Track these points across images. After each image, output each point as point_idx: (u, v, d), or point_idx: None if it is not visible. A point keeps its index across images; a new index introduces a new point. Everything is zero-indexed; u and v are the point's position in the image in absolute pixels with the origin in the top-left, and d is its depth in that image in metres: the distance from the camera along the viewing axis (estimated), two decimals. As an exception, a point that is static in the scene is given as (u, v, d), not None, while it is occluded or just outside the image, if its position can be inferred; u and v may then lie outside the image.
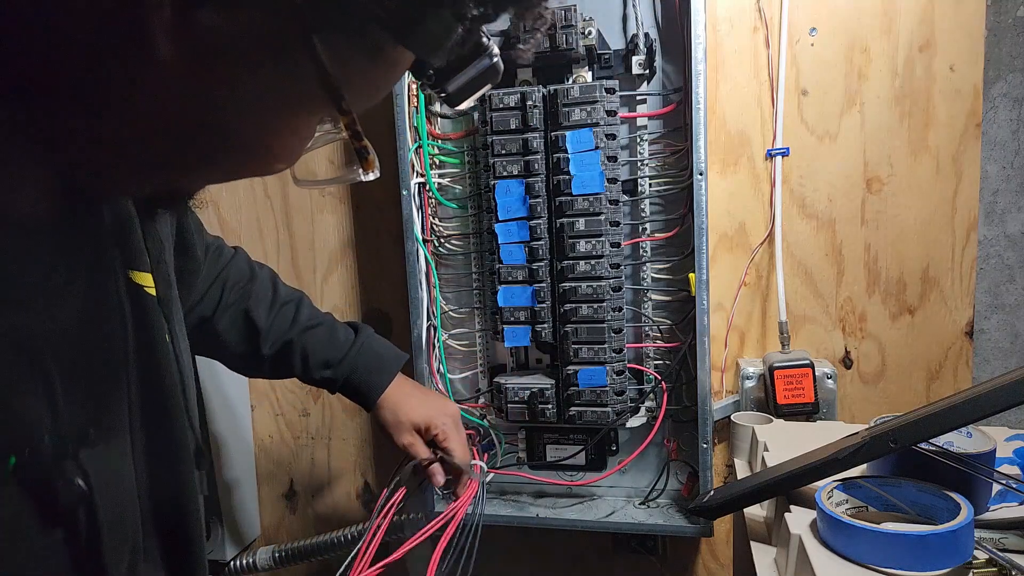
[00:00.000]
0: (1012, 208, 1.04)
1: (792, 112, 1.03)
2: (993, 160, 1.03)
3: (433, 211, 1.11)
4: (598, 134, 0.97)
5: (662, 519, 1.04)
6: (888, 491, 0.66)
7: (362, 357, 0.87)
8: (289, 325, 0.86)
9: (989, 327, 1.06)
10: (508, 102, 0.99)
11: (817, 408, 0.99)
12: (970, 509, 0.58)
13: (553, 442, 1.09)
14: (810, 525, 0.65)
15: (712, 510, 0.75)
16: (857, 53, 1.00)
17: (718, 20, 1.03)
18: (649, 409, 1.06)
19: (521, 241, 1.01)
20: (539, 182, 1.00)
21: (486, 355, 1.13)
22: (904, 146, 1.01)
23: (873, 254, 1.04)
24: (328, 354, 0.86)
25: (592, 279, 0.99)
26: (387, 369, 0.89)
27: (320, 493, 1.32)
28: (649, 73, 1.01)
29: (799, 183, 1.04)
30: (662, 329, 1.05)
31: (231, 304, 0.84)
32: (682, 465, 1.08)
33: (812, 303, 1.06)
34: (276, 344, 0.85)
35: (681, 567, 1.17)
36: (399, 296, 1.19)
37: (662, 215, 1.04)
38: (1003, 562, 0.56)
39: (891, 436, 0.62)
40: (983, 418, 0.58)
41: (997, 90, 1.02)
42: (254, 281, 0.86)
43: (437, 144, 1.10)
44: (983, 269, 1.05)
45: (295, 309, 0.87)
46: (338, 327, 0.89)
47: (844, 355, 1.06)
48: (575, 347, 1.00)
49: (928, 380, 1.04)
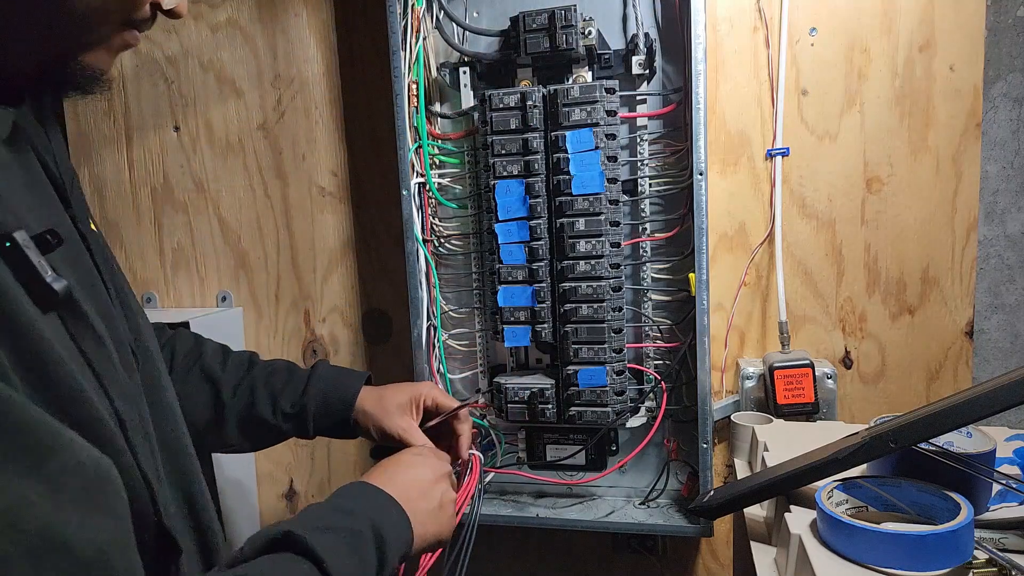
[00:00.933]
0: (1012, 208, 1.04)
1: (792, 112, 1.03)
2: (993, 160, 1.03)
3: (433, 211, 1.11)
4: (598, 134, 0.97)
5: (662, 519, 1.04)
6: (888, 491, 0.66)
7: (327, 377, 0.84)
8: (246, 369, 0.83)
9: (989, 327, 1.06)
10: (508, 102, 1.00)
11: (817, 408, 0.99)
12: (970, 509, 0.58)
13: (553, 442, 1.09)
14: (810, 525, 0.65)
15: (712, 510, 0.75)
16: (857, 53, 1.00)
17: (718, 20, 1.03)
18: (649, 409, 1.06)
19: (521, 241, 1.01)
20: (539, 182, 1.00)
21: (486, 355, 1.13)
22: (904, 146, 1.01)
23: (873, 254, 1.04)
24: (294, 385, 0.82)
25: (592, 279, 0.99)
26: (354, 378, 0.85)
27: (320, 493, 1.32)
28: (649, 73, 1.01)
29: (799, 183, 1.04)
30: (662, 329, 1.05)
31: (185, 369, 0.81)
32: (682, 465, 1.08)
33: (812, 303, 1.06)
34: (236, 389, 0.81)
35: (681, 567, 1.17)
36: (399, 296, 1.19)
37: (662, 215, 1.04)
38: (1003, 562, 0.56)
39: (891, 436, 0.62)
40: (983, 418, 0.58)
41: (997, 90, 1.02)
42: (202, 344, 0.85)
43: (437, 144, 1.10)
44: (983, 269, 1.05)
45: (248, 357, 0.85)
46: (293, 364, 0.86)
47: (844, 355, 1.06)
48: (575, 347, 1.00)
49: (928, 380, 1.04)
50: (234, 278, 1.28)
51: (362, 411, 0.83)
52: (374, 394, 0.84)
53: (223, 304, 1.29)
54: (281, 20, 1.21)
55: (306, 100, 1.22)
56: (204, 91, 1.25)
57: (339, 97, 1.21)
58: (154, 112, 1.28)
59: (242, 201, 1.26)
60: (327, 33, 1.20)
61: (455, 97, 1.08)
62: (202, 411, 0.80)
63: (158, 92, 1.27)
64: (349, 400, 0.83)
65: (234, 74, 1.24)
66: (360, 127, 1.20)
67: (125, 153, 1.30)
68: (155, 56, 1.26)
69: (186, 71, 1.26)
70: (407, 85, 1.05)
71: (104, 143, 1.30)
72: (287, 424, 0.82)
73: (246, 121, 1.24)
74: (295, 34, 1.21)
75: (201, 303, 1.30)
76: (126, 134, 1.30)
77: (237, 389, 0.81)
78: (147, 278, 1.31)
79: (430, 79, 1.08)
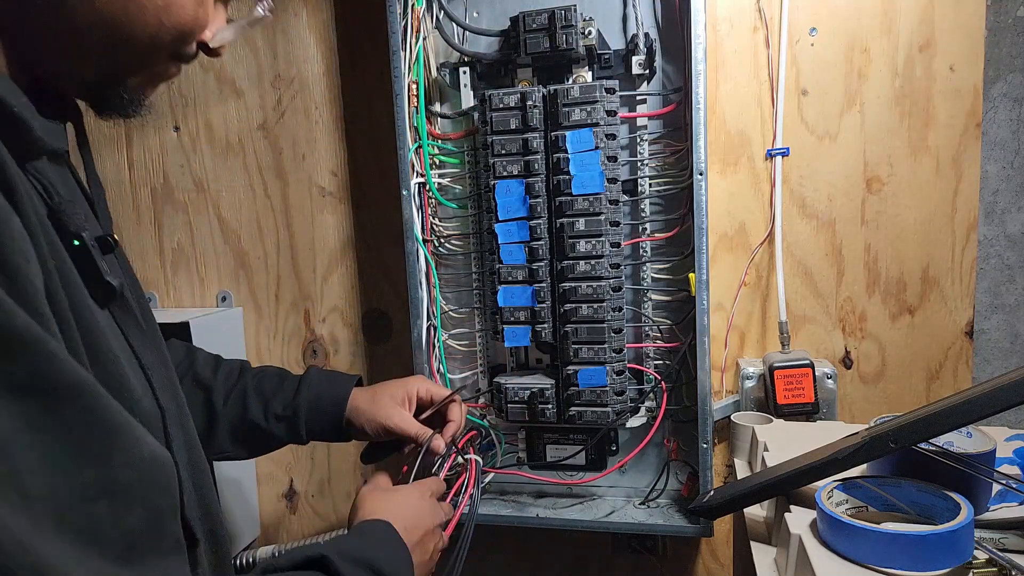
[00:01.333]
0: (1012, 208, 1.04)
1: (792, 112, 1.03)
2: (993, 160, 1.03)
3: (433, 211, 1.11)
4: (598, 134, 0.97)
5: (662, 519, 1.04)
6: (888, 491, 0.66)
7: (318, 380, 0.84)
8: (238, 376, 0.83)
9: (989, 327, 1.06)
10: (508, 102, 1.00)
11: (817, 408, 0.99)
12: (970, 509, 0.58)
13: (553, 442, 1.09)
14: (810, 525, 0.65)
15: (712, 510, 0.75)
16: (857, 53, 1.00)
17: (718, 20, 1.03)
18: (649, 409, 1.06)
19: (521, 241, 1.01)
20: (539, 182, 1.00)
21: (486, 355, 1.13)
22: (904, 146, 1.01)
23: (873, 254, 1.04)
24: (286, 387, 0.83)
25: (592, 279, 0.99)
26: (345, 380, 0.85)
27: (320, 493, 1.32)
28: (649, 73, 1.01)
29: (799, 183, 1.04)
30: (662, 329, 1.05)
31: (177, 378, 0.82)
32: (682, 465, 1.08)
33: (812, 303, 1.06)
34: (228, 397, 0.81)
35: (681, 567, 1.17)
36: (399, 296, 1.19)
37: (662, 215, 1.04)
38: (1003, 562, 0.56)
39: (891, 436, 0.62)
40: (983, 418, 0.58)
41: (997, 90, 1.02)
42: (194, 353, 0.85)
43: (437, 144, 1.10)
44: (983, 269, 1.05)
45: (239, 365, 0.85)
46: (284, 370, 0.87)
47: (844, 355, 1.06)
48: (575, 347, 1.00)
49: (928, 380, 1.04)
50: (234, 278, 1.28)
51: (355, 408, 0.83)
52: (366, 393, 0.84)
53: (223, 304, 1.29)
54: (281, 20, 1.21)
55: (306, 100, 1.22)
56: (204, 91, 1.25)
57: (339, 97, 1.21)
58: (154, 112, 1.27)
59: (242, 201, 1.26)
60: (327, 33, 1.20)
61: (455, 97, 1.08)
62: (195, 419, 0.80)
63: (158, 92, 1.27)
64: (341, 399, 0.83)
65: (234, 74, 1.24)
66: (360, 127, 1.20)
67: (125, 153, 1.30)
68: (155, 56, 1.26)
69: (186, 71, 1.24)
70: (407, 85, 1.05)
71: (104, 143, 1.30)
72: (279, 427, 0.82)
73: (246, 121, 1.24)
74: (295, 34, 1.21)
75: (201, 303, 1.30)
76: (126, 134, 1.30)
77: (229, 396, 0.81)
78: (147, 278, 1.31)
79: (430, 79, 1.08)
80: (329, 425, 0.83)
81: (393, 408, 0.83)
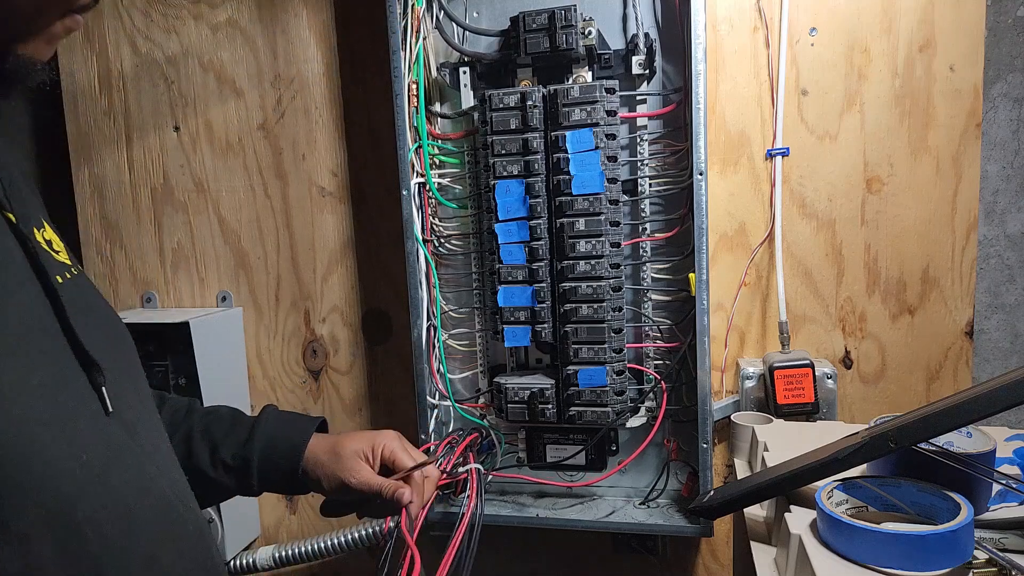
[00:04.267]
0: (1012, 208, 1.04)
1: (792, 112, 1.03)
2: (993, 160, 1.03)
3: (433, 211, 1.11)
4: (598, 134, 0.97)
5: (662, 519, 1.04)
6: (888, 491, 0.66)
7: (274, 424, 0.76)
8: (183, 416, 0.76)
9: (989, 327, 1.06)
10: (508, 102, 0.99)
11: (817, 408, 0.99)
12: (970, 509, 0.58)
13: (553, 442, 1.09)
14: (810, 525, 0.65)
15: (712, 510, 0.75)
16: (857, 53, 1.00)
17: (718, 20, 1.03)
18: (649, 409, 1.06)
19: (521, 241, 1.01)
20: (539, 182, 1.00)
21: (486, 355, 1.13)
22: (904, 146, 1.01)
23: (873, 254, 1.04)
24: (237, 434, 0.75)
25: (592, 279, 0.99)
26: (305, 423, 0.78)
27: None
28: (649, 73, 1.01)
29: (799, 183, 1.04)
30: (662, 329, 1.05)
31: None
32: (682, 465, 1.08)
33: (812, 303, 1.06)
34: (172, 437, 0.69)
35: (681, 567, 1.17)
36: (399, 296, 1.19)
37: (662, 215, 1.04)
38: (1003, 562, 0.56)
39: (891, 436, 0.62)
40: (983, 418, 0.58)
41: (997, 90, 1.02)
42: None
43: (437, 144, 1.10)
44: (983, 269, 1.05)
45: (187, 403, 0.78)
46: (238, 411, 0.79)
47: (844, 355, 1.06)
48: (575, 347, 1.00)
49: (928, 380, 1.04)
50: (234, 278, 1.28)
51: (313, 459, 0.75)
52: (327, 441, 0.76)
53: (223, 304, 1.29)
54: (281, 20, 1.21)
55: (306, 100, 1.22)
56: (204, 91, 1.25)
57: (339, 97, 1.21)
58: (154, 112, 1.28)
59: (242, 201, 1.26)
60: (327, 33, 1.20)
61: (455, 97, 1.08)
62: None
63: (158, 92, 1.27)
64: (298, 449, 0.75)
65: (234, 74, 1.24)
66: (360, 127, 1.20)
67: (125, 153, 1.30)
68: (155, 56, 1.26)
69: (186, 71, 1.26)
70: (407, 85, 1.05)
71: (104, 143, 1.30)
72: (228, 477, 0.74)
73: (246, 121, 1.24)
74: (295, 34, 1.21)
75: (201, 303, 1.30)
76: (126, 134, 1.30)
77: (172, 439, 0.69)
78: (147, 278, 1.31)
79: (430, 79, 1.08)
80: (282, 477, 0.75)
81: (354, 462, 0.74)
